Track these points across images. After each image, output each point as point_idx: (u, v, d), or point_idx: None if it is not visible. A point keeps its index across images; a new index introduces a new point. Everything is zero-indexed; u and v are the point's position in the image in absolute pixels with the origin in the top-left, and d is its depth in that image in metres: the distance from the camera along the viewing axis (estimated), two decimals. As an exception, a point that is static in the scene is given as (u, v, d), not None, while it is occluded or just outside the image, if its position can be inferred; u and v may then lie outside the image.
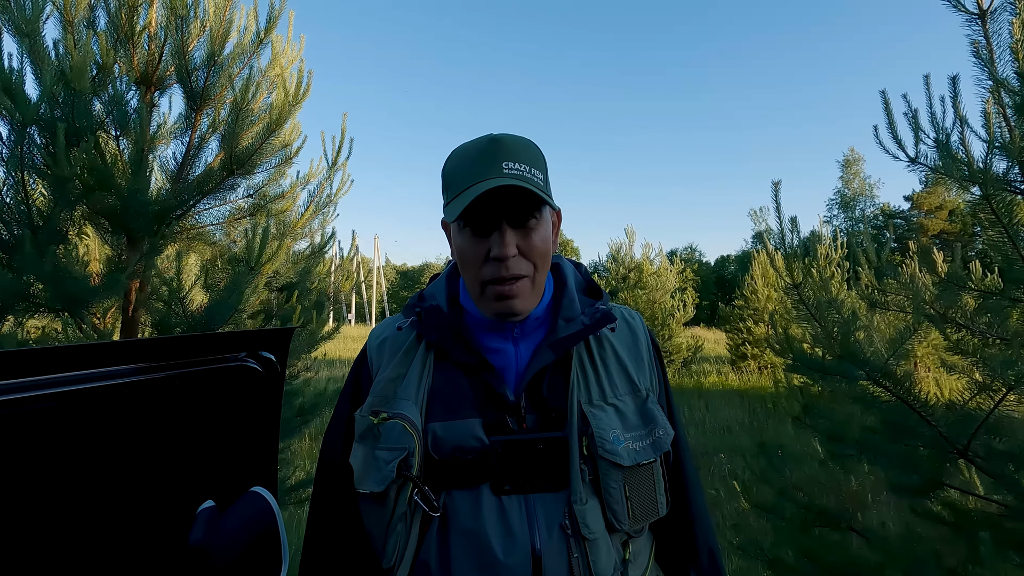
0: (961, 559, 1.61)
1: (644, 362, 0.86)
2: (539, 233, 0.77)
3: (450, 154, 0.83)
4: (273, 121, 2.23)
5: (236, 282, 2.03)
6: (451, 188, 0.79)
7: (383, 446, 0.75)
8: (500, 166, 0.74)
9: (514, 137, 0.79)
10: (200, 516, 0.78)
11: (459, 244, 0.79)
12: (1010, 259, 1.47)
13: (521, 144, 0.78)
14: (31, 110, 1.71)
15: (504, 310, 0.78)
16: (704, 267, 59.40)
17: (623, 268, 11.69)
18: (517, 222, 0.76)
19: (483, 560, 0.71)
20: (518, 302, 0.77)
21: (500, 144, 0.76)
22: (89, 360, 0.68)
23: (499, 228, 0.75)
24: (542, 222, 0.78)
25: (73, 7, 1.95)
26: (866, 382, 1.70)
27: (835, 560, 1.83)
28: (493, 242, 0.75)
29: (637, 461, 0.76)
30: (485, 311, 0.81)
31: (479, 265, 0.77)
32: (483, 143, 0.78)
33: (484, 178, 0.73)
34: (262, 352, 0.89)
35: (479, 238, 0.76)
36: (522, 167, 0.75)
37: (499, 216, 0.75)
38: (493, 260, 0.75)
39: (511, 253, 0.75)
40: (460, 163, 0.79)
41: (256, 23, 2.27)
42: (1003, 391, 1.52)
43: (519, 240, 0.76)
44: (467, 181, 0.75)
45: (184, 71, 2.11)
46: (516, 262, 0.76)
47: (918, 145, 1.60)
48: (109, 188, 1.88)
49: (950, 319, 1.62)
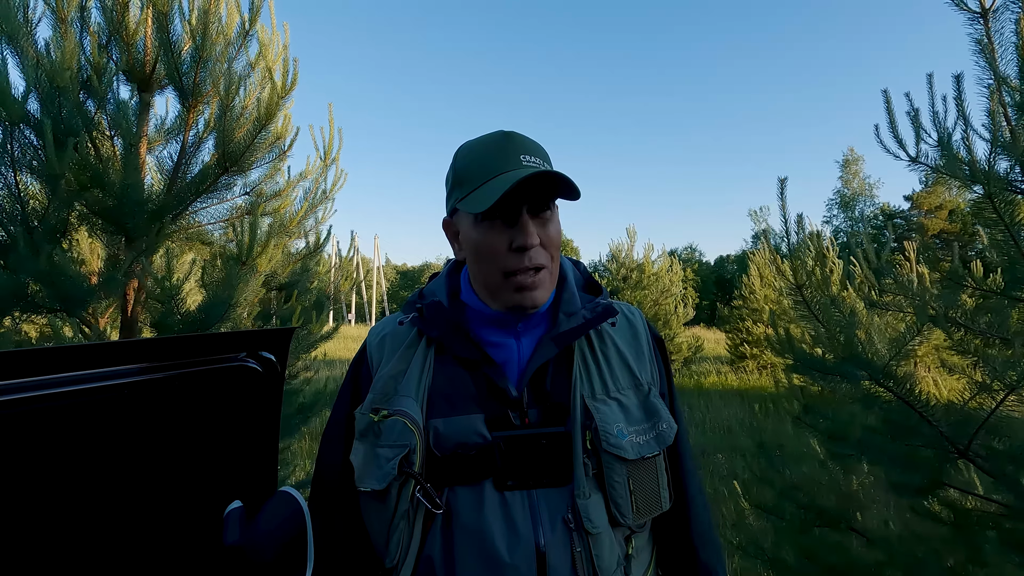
0: (961, 559, 1.61)
1: (645, 356, 0.86)
2: (554, 224, 0.80)
3: (459, 150, 0.83)
4: (263, 115, 2.21)
5: (229, 279, 2.02)
6: (467, 182, 0.78)
7: (384, 443, 0.74)
8: (518, 159, 0.75)
9: (523, 135, 0.80)
10: (231, 517, 0.78)
11: (476, 236, 0.79)
12: (1012, 259, 1.47)
13: (532, 140, 0.80)
14: (17, 108, 1.70)
15: (525, 302, 0.78)
16: (704, 267, 59.45)
17: (624, 268, 11.68)
18: (536, 212, 0.77)
19: (487, 557, 0.71)
20: (540, 293, 0.78)
21: (514, 139, 0.78)
22: (89, 360, 0.68)
23: (521, 218, 0.76)
24: (555, 213, 0.80)
25: (66, 5, 1.94)
26: (867, 382, 1.70)
27: (835, 560, 1.83)
28: (516, 232, 0.76)
29: (641, 455, 0.76)
30: (503, 303, 0.81)
31: (501, 255, 0.77)
32: (497, 138, 0.79)
33: (505, 170, 0.74)
34: (262, 352, 0.88)
35: (500, 229, 0.77)
36: (537, 160, 0.77)
37: (520, 206, 0.76)
38: (515, 250, 0.76)
39: (536, 242, 0.76)
40: (475, 157, 0.79)
41: (240, 13, 2.25)
42: (1004, 391, 1.52)
43: (539, 230, 0.77)
44: (488, 173, 0.75)
45: (173, 68, 2.10)
46: (537, 252, 0.77)
47: (919, 144, 1.60)
48: (102, 187, 1.87)
49: (951, 319, 1.62)
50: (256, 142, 2.22)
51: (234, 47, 2.25)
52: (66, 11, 1.94)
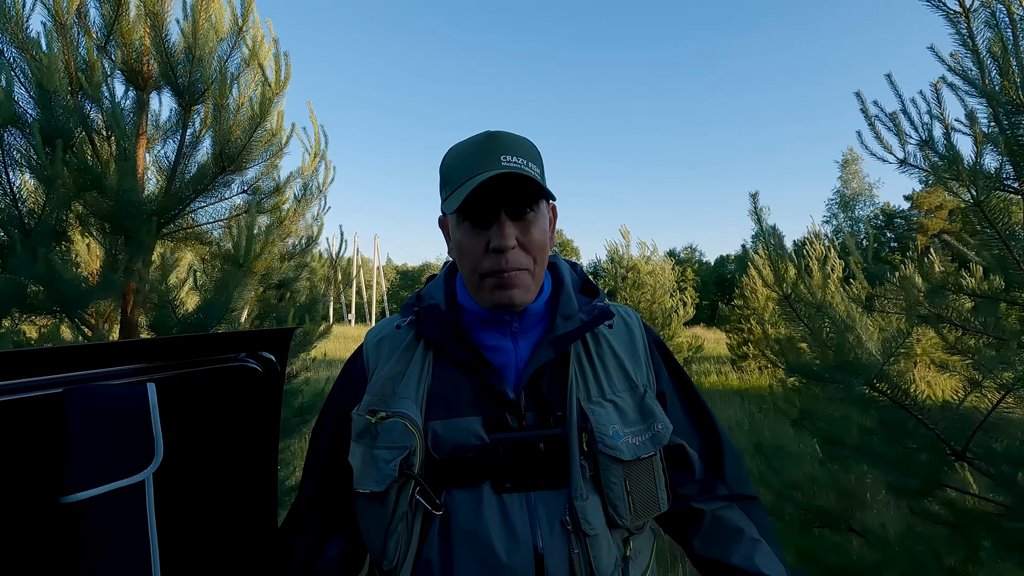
0: (961, 559, 1.61)
1: (640, 359, 0.87)
2: (537, 226, 0.79)
3: (447, 151, 0.83)
4: (258, 112, 2.20)
5: (227, 280, 2.02)
6: (449, 182, 0.79)
7: (383, 445, 0.74)
8: (498, 159, 0.75)
9: (511, 133, 0.80)
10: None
11: (458, 237, 0.79)
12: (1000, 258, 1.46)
13: (518, 140, 0.79)
14: (4, 110, 1.69)
15: (503, 300, 0.78)
16: (704, 267, 59.41)
17: (621, 268, 11.67)
18: (516, 214, 0.77)
19: (486, 559, 0.71)
20: (517, 292, 0.78)
21: (497, 139, 0.77)
22: (89, 361, 0.68)
23: (498, 220, 0.76)
24: (540, 215, 0.79)
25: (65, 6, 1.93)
26: (862, 386, 1.70)
27: (835, 560, 1.83)
28: (492, 234, 0.76)
29: (637, 455, 0.77)
30: (483, 302, 0.81)
31: (479, 257, 0.77)
32: (480, 139, 0.79)
33: (482, 171, 0.74)
34: (262, 352, 0.88)
35: (478, 230, 0.77)
36: (519, 160, 0.76)
37: (498, 208, 0.75)
38: (493, 252, 0.76)
39: (511, 244, 0.76)
40: (458, 158, 0.79)
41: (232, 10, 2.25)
42: (999, 392, 1.52)
43: (518, 232, 0.77)
44: (465, 174, 0.76)
45: (168, 67, 2.09)
46: (515, 254, 0.77)
47: (904, 147, 1.60)
48: (97, 188, 1.87)
49: (946, 319, 1.62)
50: (252, 140, 2.22)
51: (227, 44, 2.24)
52: (64, 15, 1.94)
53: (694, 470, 0.86)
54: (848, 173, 46.05)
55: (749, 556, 0.80)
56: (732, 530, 0.83)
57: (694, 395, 0.91)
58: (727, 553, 0.81)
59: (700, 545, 0.84)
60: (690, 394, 0.91)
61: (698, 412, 0.91)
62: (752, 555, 0.80)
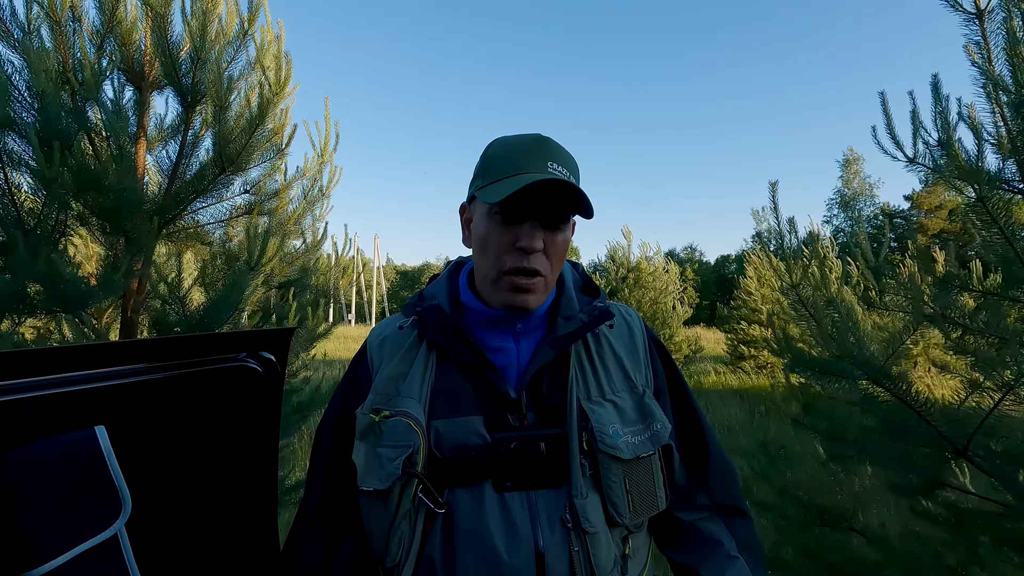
0: (961, 559, 1.61)
1: (640, 358, 0.87)
2: (564, 236, 0.80)
3: (493, 141, 0.84)
4: (259, 113, 2.20)
5: (236, 282, 2.02)
6: (491, 172, 0.79)
7: (386, 443, 0.75)
8: (546, 164, 0.76)
9: (559, 143, 0.81)
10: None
11: (485, 228, 0.79)
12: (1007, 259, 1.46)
13: (565, 152, 0.81)
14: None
15: (518, 303, 0.79)
16: (704, 267, 59.44)
17: (622, 269, 11.67)
18: (549, 222, 0.78)
19: (487, 558, 0.72)
20: (532, 298, 0.79)
21: (547, 145, 0.79)
22: (89, 360, 0.68)
23: (531, 221, 0.77)
24: (568, 227, 0.81)
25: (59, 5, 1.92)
26: (865, 382, 1.70)
27: (835, 559, 1.83)
28: (522, 232, 0.77)
29: (636, 454, 0.77)
30: (496, 300, 0.81)
31: (502, 252, 0.78)
32: (532, 138, 0.79)
33: (530, 170, 0.75)
34: (262, 352, 0.89)
35: (509, 226, 0.77)
36: (564, 171, 0.77)
37: (535, 210, 0.76)
38: (518, 250, 0.77)
39: (538, 247, 0.77)
40: (506, 151, 0.80)
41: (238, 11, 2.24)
42: (1001, 391, 1.52)
43: (546, 238, 0.78)
44: (512, 169, 0.76)
45: (171, 68, 2.09)
46: (538, 258, 0.78)
47: (916, 145, 1.61)
48: (96, 187, 1.86)
49: (948, 318, 1.62)
50: (254, 140, 2.21)
51: (233, 47, 2.24)
52: (59, 12, 1.93)
53: (676, 476, 0.86)
54: (849, 173, 46.05)
55: (720, 571, 0.80)
56: (708, 542, 0.84)
57: (687, 402, 0.91)
58: (699, 564, 0.82)
59: (676, 553, 0.86)
60: (683, 400, 0.91)
61: (688, 419, 0.91)
62: (724, 571, 0.80)
